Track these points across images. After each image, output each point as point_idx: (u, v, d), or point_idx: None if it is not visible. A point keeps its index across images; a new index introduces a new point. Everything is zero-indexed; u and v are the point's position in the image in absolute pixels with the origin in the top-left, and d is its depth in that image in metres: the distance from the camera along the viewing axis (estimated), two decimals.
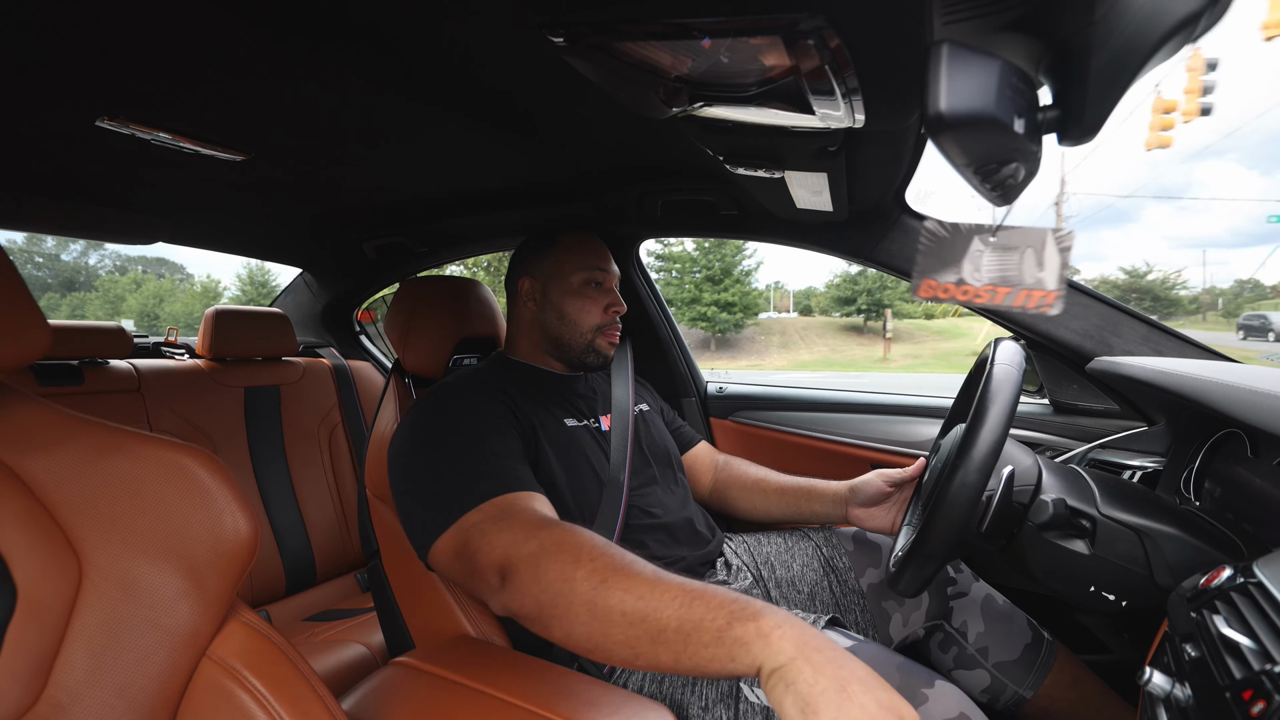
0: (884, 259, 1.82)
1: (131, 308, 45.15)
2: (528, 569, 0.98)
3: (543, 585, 0.96)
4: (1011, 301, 1.02)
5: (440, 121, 1.39)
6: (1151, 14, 0.54)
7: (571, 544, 0.99)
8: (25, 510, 0.72)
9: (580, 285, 1.55)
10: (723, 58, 0.84)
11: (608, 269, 1.59)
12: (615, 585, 0.91)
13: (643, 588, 0.90)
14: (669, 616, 0.87)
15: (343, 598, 2.49)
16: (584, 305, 1.54)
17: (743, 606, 0.85)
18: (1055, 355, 1.73)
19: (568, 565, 0.95)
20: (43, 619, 0.70)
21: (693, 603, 0.87)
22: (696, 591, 0.89)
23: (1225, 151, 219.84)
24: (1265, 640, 0.70)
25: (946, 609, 1.54)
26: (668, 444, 1.68)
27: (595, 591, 0.92)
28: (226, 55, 1.06)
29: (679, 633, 0.85)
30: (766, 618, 0.83)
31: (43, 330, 0.78)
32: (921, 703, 1.08)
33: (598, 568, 0.94)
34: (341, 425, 2.75)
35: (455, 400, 1.34)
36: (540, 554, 0.98)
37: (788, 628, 0.81)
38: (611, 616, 0.90)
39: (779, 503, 1.71)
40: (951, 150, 0.68)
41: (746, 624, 0.82)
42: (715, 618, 0.84)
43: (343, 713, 0.86)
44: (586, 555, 0.96)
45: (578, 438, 1.46)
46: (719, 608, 0.85)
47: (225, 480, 0.84)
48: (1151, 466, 1.51)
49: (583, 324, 1.54)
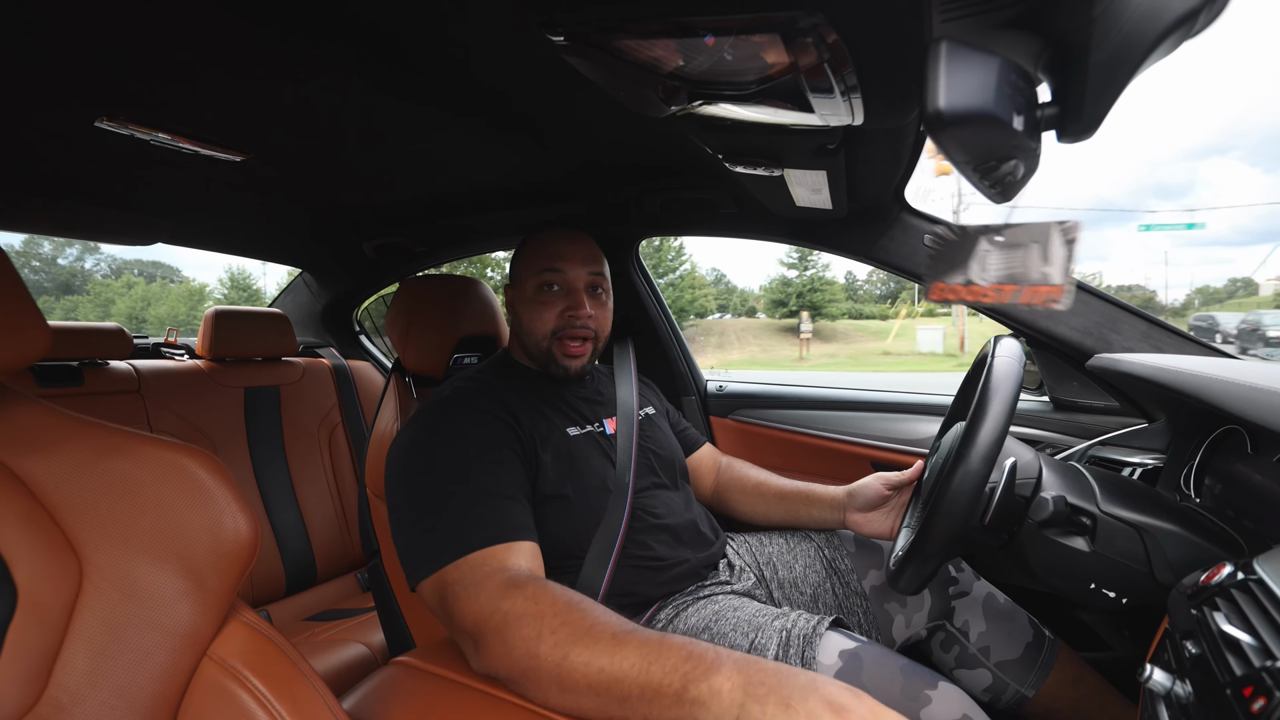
0: (883, 256, 1.82)
1: (120, 310, 45.45)
2: (496, 640, 0.99)
3: (512, 659, 0.97)
4: (1018, 299, 1.02)
5: (439, 121, 1.39)
6: (1150, 10, 0.54)
7: (533, 614, 0.98)
8: (26, 511, 0.72)
9: (535, 291, 1.48)
10: (722, 55, 0.84)
11: (564, 268, 1.48)
12: (577, 656, 0.92)
13: (603, 656, 0.91)
14: (630, 683, 0.88)
15: (343, 597, 2.49)
16: (538, 312, 1.47)
17: (695, 664, 0.87)
18: (1055, 352, 1.73)
19: (531, 640, 0.96)
20: (43, 620, 0.70)
21: (650, 666, 0.88)
22: (654, 649, 0.90)
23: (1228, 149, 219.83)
24: (1266, 637, 0.70)
25: (948, 609, 1.54)
26: (673, 448, 1.67)
27: (560, 666, 0.93)
28: (225, 55, 1.06)
29: (641, 699, 0.88)
30: (717, 673, 0.85)
31: (42, 331, 0.78)
32: (925, 704, 1.08)
33: (559, 641, 0.94)
34: (341, 425, 2.75)
35: (453, 418, 1.31)
36: (504, 626, 0.99)
37: (734, 674, 0.84)
38: (578, 688, 0.92)
39: (778, 507, 1.71)
40: (951, 148, 0.68)
41: (700, 684, 0.84)
42: (672, 681, 0.86)
43: (343, 712, 0.85)
44: (549, 626, 0.96)
45: (581, 446, 1.44)
46: (674, 670, 0.87)
47: (225, 481, 0.84)
48: (1152, 463, 1.51)
49: (536, 332, 1.47)
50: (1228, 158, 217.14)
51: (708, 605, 1.34)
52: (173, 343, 2.78)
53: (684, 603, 1.37)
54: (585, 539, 1.33)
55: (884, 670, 1.12)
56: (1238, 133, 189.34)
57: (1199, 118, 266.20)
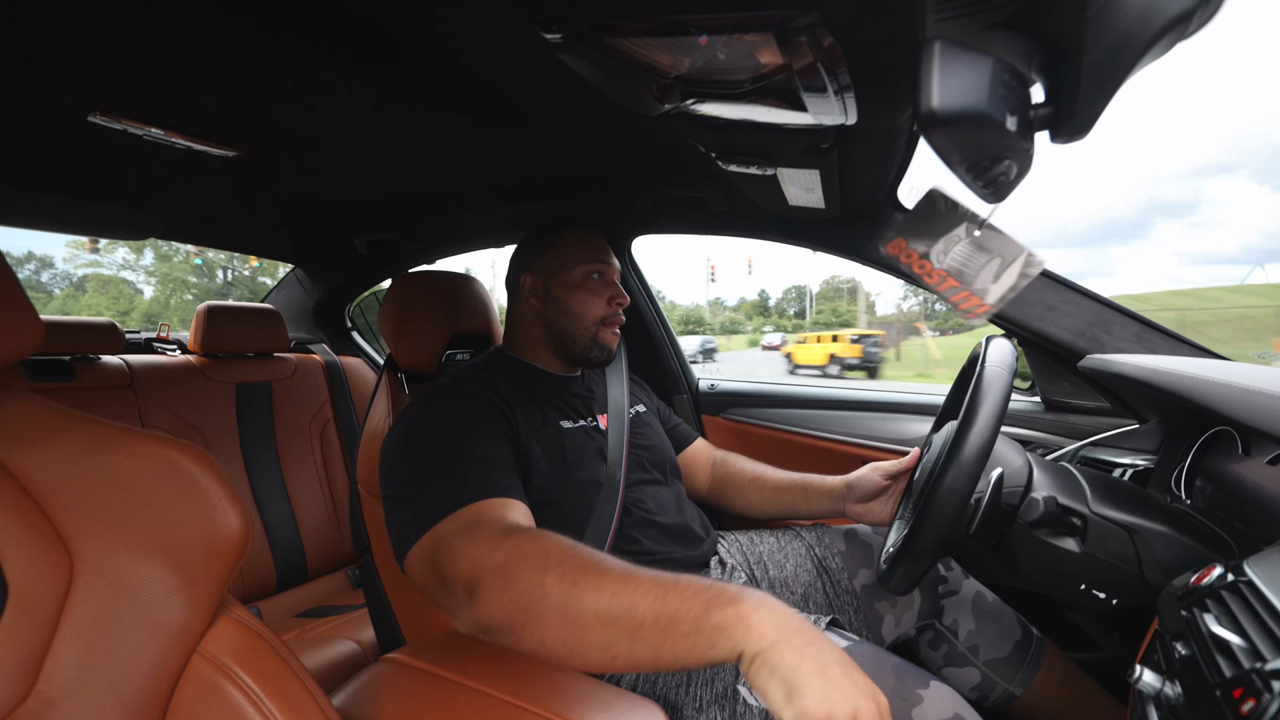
0: (876, 257, 1.82)
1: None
2: (495, 580, 0.95)
3: (511, 595, 0.93)
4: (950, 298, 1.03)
5: (432, 118, 1.39)
6: (1144, 12, 0.54)
7: (538, 550, 0.96)
8: (16, 506, 0.72)
9: (583, 278, 1.53)
10: (715, 54, 0.84)
11: (609, 262, 1.57)
12: (587, 586, 0.89)
13: (615, 585, 0.88)
14: (644, 610, 0.85)
15: (334, 594, 2.49)
16: (586, 298, 1.52)
17: (719, 592, 0.84)
18: (1047, 353, 1.74)
19: (536, 572, 0.93)
20: (33, 615, 0.69)
21: (667, 594, 0.86)
22: (670, 582, 0.88)
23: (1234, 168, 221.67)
24: (1255, 639, 0.70)
25: (938, 607, 1.55)
26: (663, 445, 1.68)
27: (567, 595, 0.89)
28: (219, 51, 1.06)
29: (655, 626, 0.84)
30: (745, 602, 0.82)
31: (35, 325, 0.77)
32: (916, 703, 1.08)
33: (567, 570, 0.91)
34: (333, 421, 2.74)
35: (446, 404, 1.32)
36: (507, 564, 0.96)
37: (766, 610, 0.82)
38: (585, 618, 0.88)
39: (775, 499, 1.72)
40: (944, 147, 0.68)
41: (725, 609, 0.82)
42: (691, 607, 0.83)
43: (333, 709, 0.85)
44: (555, 559, 0.93)
45: (574, 439, 1.45)
46: (694, 596, 0.84)
47: (217, 476, 0.84)
48: (1143, 464, 1.51)
49: (586, 317, 1.52)
50: (1234, 176, 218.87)
51: None
52: (165, 338, 2.77)
53: None
54: (577, 534, 1.32)
55: (875, 670, 1.12)
56: (1244, 150, 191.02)
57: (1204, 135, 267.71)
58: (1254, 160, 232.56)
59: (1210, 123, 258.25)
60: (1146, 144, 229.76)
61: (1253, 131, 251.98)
